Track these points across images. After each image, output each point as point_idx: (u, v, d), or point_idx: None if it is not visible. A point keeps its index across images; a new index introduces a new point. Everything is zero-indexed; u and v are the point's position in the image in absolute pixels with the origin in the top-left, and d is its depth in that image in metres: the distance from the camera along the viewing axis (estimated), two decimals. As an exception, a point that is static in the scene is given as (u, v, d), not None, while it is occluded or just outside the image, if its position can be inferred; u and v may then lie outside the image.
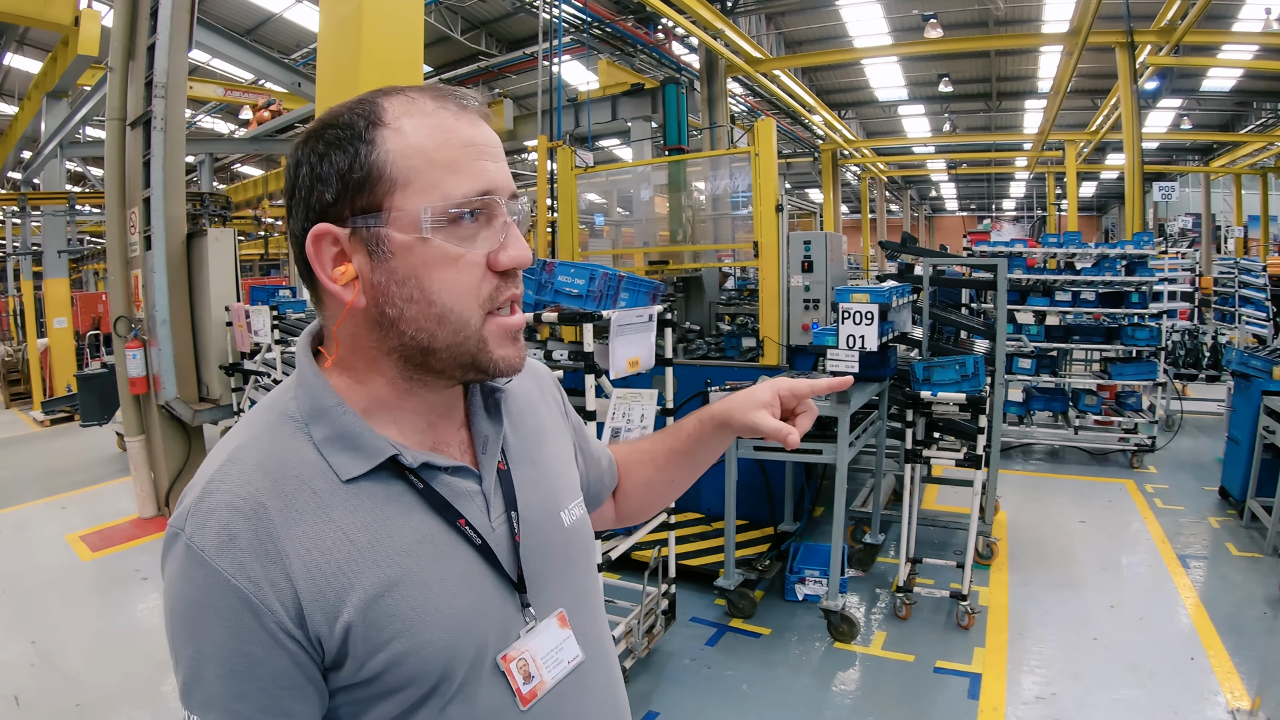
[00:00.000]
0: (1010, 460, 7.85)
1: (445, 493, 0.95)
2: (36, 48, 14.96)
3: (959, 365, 4.47)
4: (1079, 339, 8.05)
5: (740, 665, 4.22)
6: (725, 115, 12.30)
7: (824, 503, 6.25)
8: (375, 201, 0.88)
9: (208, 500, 0.85)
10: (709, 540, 5.55)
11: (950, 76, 16.76)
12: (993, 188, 34.58)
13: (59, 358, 14.48)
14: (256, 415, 0.96)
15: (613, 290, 3.51)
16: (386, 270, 0.89)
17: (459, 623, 0.91)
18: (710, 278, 7.60)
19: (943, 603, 4.75)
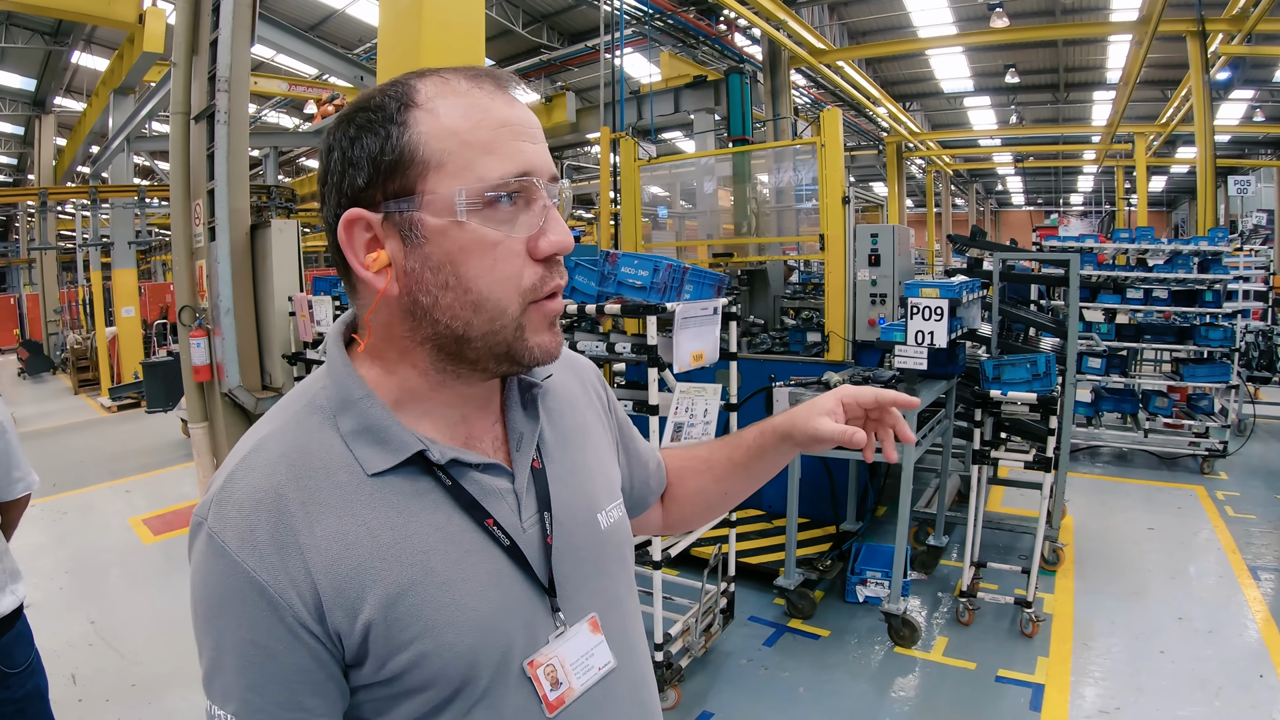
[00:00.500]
0: (1077, 463, 7.66)
1: (474, 490, 0.92)
2: (104, 46, 15.36)
3: (1030, 364, 4.34)
4: (1150, 338, 7.82)
5: (798, 667, 4.16)
6: (789, 107, 12.13)
7: (887, 502, 6.16)
8: (408, 185, 0.85)
9: (230, 490, 0.84)
10: (769, 538, 5.48)
11: (1017, 67, 16.45)
12: (1060, 181, 33.84)
13: (126, 346, 14.87)
14: (285, 405, 0.94)
15: (677, 282, 3.44)
16: (420, 256, 0.86)
17: (483, 625, 0.88)
18: (775, 271, 7.51)
19: (1006, 609, 4.63)
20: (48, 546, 6.27)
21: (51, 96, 17.97)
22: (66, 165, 17.73)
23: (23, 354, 20.73)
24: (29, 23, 14.32)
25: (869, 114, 17.96)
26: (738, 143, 9.21)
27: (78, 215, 18.74)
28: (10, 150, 22.39)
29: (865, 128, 20.09)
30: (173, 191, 6.86)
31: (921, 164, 25.47)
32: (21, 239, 25.83)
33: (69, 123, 18.75)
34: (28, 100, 18.38)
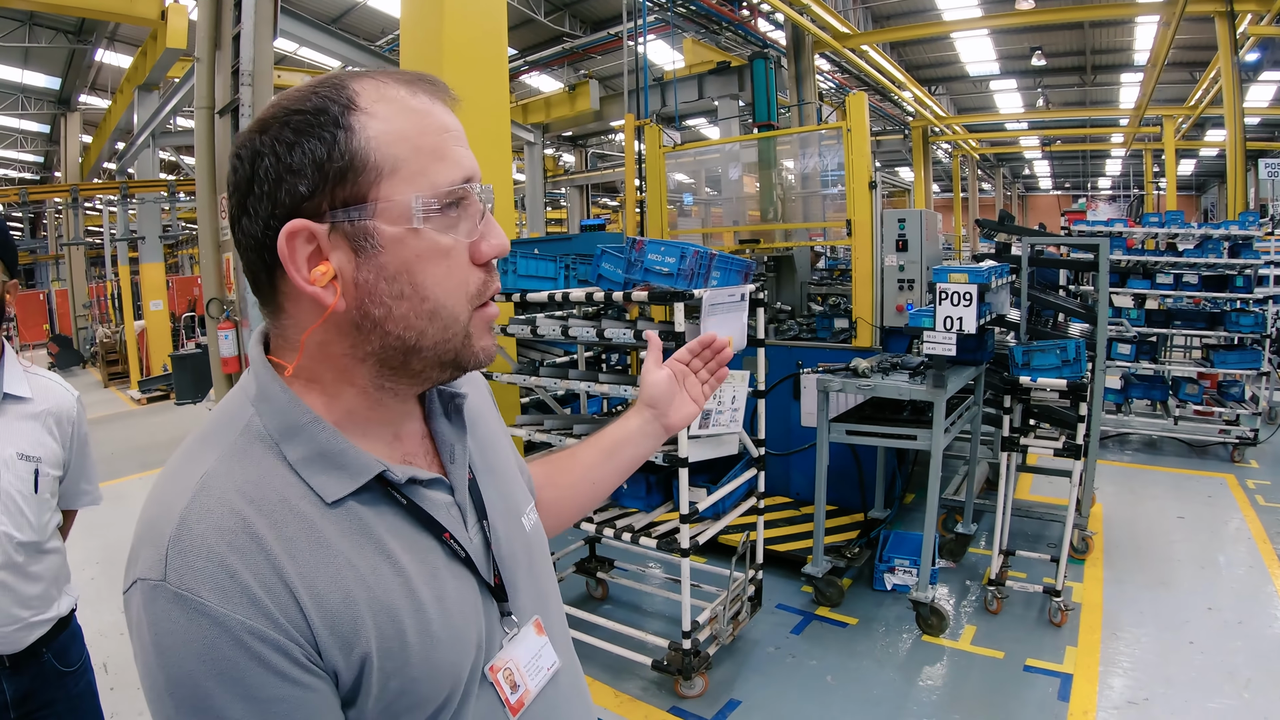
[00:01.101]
0: (1106, 450, 7.59)
1: (427, 508, 0.90)
2: (127, 43, 15.50)
3: (1059, 349, 4.29)
4: (1180, 324, 7.71)
5: (825, 655, 4.14)
6: (813, 92, 12.08)
7: (915, 489, 6.13)
8: (359, 192, 0.80)
9: (189, 537, 0.74)
10: (797, 525, 5.46)
11: (1043, 49, 16.29)
12: (1088, 165, 33.47)
13: (155, 339, 15.02)
14: (214, 436, 0.85)
15: (704, 269, 3.42)
16: (375, 266, 0.82)
17: (460, 640, 0.88)
18: (801, 257, 7.47)
19: (1035, 598, 4.59)
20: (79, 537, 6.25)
21: (76, 94, 18.17)
22: (93, 162, 17.93)
23: (53, 348, 20.98)
24: (52, 22, 14.45)
25: (894, 98, 17.79)
26: (763, 128, 9.16)
27: (105, 211, 18.93)
28: (37, 148, 22.65)
29: (890, 112, 19.94)
30: (199, 186, 6.93)
31: (948, 148, 25.27)
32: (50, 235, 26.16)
33: (94, 120, 18.95)
34: (53, 99, 18.58)
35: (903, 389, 4.20)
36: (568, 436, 3.98)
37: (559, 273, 4.20)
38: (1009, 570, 4.68)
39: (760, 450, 4.07)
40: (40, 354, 23.27)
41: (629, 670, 4.01)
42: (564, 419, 4.34)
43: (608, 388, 3.80)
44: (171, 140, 14.32)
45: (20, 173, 25.14)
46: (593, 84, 14.26)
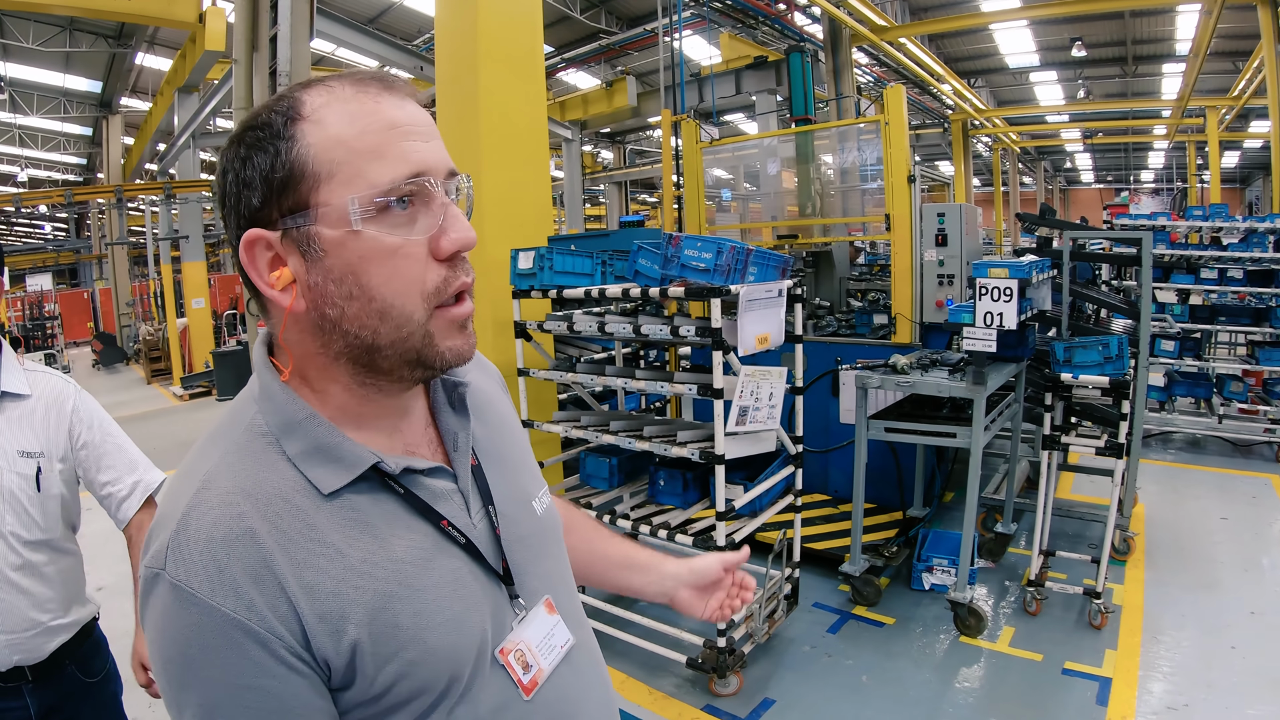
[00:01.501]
0: (1148, 449, 7.45)
1: (425, 495, 0.93)
2: (166, 46, 15.74)
3: (1102, 346, 4.20)
4: (1225, 320, 7.56)
5: (860, 655, 4.11)
6: (851, 86, 11.97)
7: (954, 488, 6.07)
8: (301, 200, 0.84)
9: (188, 533, 0.80)
10: (835, 523, 5.42)
11: (1083, 40, 16.01)
12: (1130, 158, 32.98)
13: (197, 336, 15.27)
14: (221, 434, 0.91)
15: (741, 264, 3.40)
16: (322, 269, 0.85)
17: (459, 624, 0.90)
18: (840, 252, 7.41)
19: (1075, 599, 4.52)
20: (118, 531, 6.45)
21: (117, 97, 18.48)
22: (135, 163, 18.23)
23: (97, 346, 21.44)
24: (93, 27, 14.70)
25: (933, 91, 17.60)
26: (800, 123, 9.09)
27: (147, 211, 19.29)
28: (80, 150, 23.08)
29: (930, 105, 19.72)
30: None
31: (988, 141, 24.92)
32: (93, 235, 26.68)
33: (135, 122, 19.27)
34: (94, 102, 18.92)
35: (942, 386, 4.16)
36: (604, 433, 3.97)
37: (596, 269, 4.19)
38: (1049, 571, 4.62)
39: (798, 447, 4.04)
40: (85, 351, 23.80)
41: (663, 668, 4.01)
42: (601, 415, 4.34)
43: (644, 384, 3.79)
44: (211, 141, 14.52)
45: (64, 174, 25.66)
46: (630, 80, 14.26)
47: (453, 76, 4.71)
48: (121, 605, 5.18)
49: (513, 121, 4.65)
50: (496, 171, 4.54)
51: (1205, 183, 21.54)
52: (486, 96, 4.49)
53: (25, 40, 14.40)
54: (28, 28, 14.24)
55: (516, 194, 4.67)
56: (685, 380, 3.66)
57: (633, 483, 4.35)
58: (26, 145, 21.88)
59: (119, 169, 19.10)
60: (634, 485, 4.33)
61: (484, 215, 4.49)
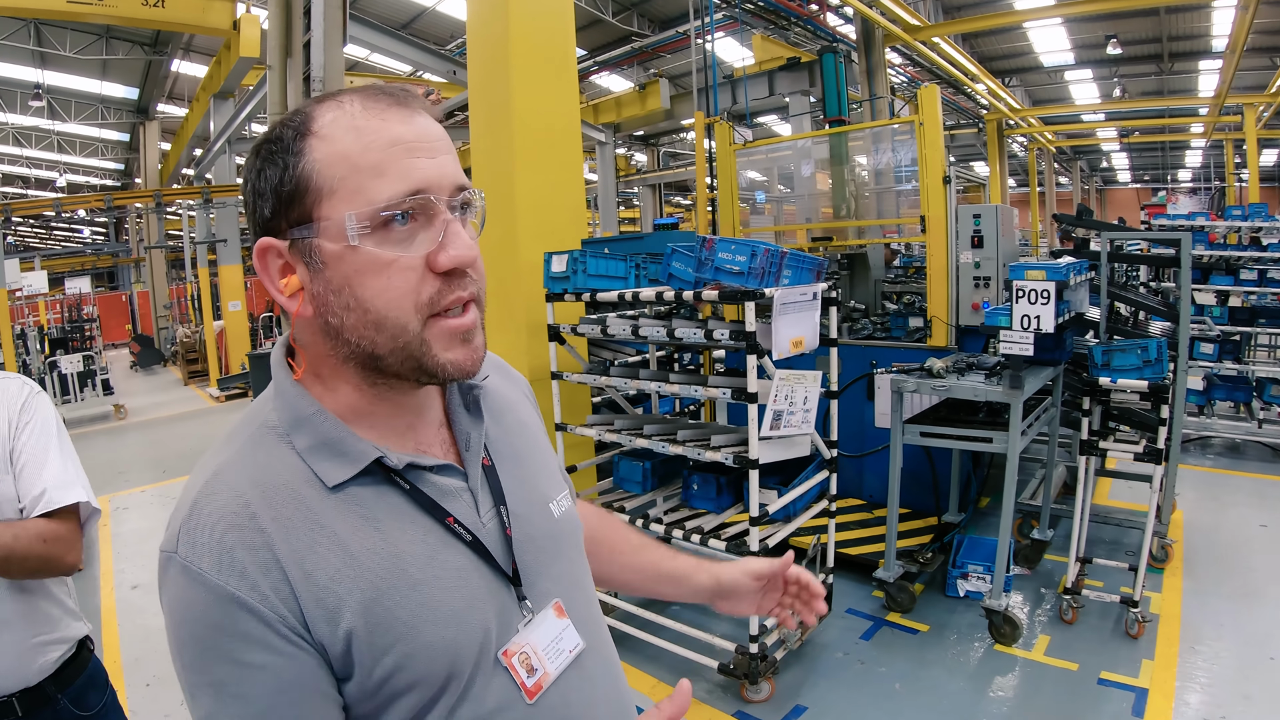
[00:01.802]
0: (1187, 454, 7.34)
1: (432, 492, 0.95)
2: (202, 53, 15.93)
3: (1141, 349, 4.14)
4: (1265, 322, 7.42)
5: (894, 662, 4.08)
6: (885, 87, 11.86)
7: (990, 493, 6.00)
8: (305, 213, 0.88)
9: (197, 518, 0.84)
10: (869, 528, 5.39)
11: (1118, 37, 15.78)
12: (1167, 157, 32.41)
13: (234, 338, 15.45)
14: (238, 430, 0.95)
15: (775, 267, 3.38)
16: (323, 280, 0.88)
17: (458, 620, 0.90)
18: (875, 255, 7.38)
19: (1111, 608, 4.44)
20: (157, 531, 6.54)
21: (154, 104, 18.73)
22: (171, 168, 18.49)
23: (135, 348, 21.79)
24: (129, 35, 14.90)
25: (967, 91, 17.42)
26: (834, 124, 9.04)
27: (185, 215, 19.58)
28: (117, 156, 23.42)
29: (964, 105, 19.53)
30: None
31: (1023, 141, 24.58)
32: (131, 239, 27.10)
33: (171, 128, 19.54)
34: (131, 108, 19.18)
35: (978, 390, 4.11)
36: (637, 437, 3.96)
37: (629, 272, 4.19)
38: (1085, 578, 4.56)
39: (832, 452, 4.02)
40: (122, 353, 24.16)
41: (695, 673, 3.99)
42: (635, 419, 4.34)
43: (678, 388, 3.78)
44: (247, 146, 14.59)
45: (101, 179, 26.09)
46: (663, 83, 14.25)
47: (485, 80, 4.73)
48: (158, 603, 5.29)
49: (546, 124, 4.65)
50: (529, 175, 4.55)
51: (1244, 181, 21.18)
52: (519, 100, 4.50)
53: (63, 48, 14.63)
54: (65, 36, 14.48)
55: (550, 197, 4.67)
56: (719, 384, 3.65)
57: (666, 486, 4.35)
58: (65, 151, 22.23)
59: (156, 174, 19.37)
60: (667, 489, 4.33)
61: (517, 219, 4.50)
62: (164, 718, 4.03)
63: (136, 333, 23.92)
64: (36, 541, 1.73)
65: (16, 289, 12.74)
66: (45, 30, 14.26)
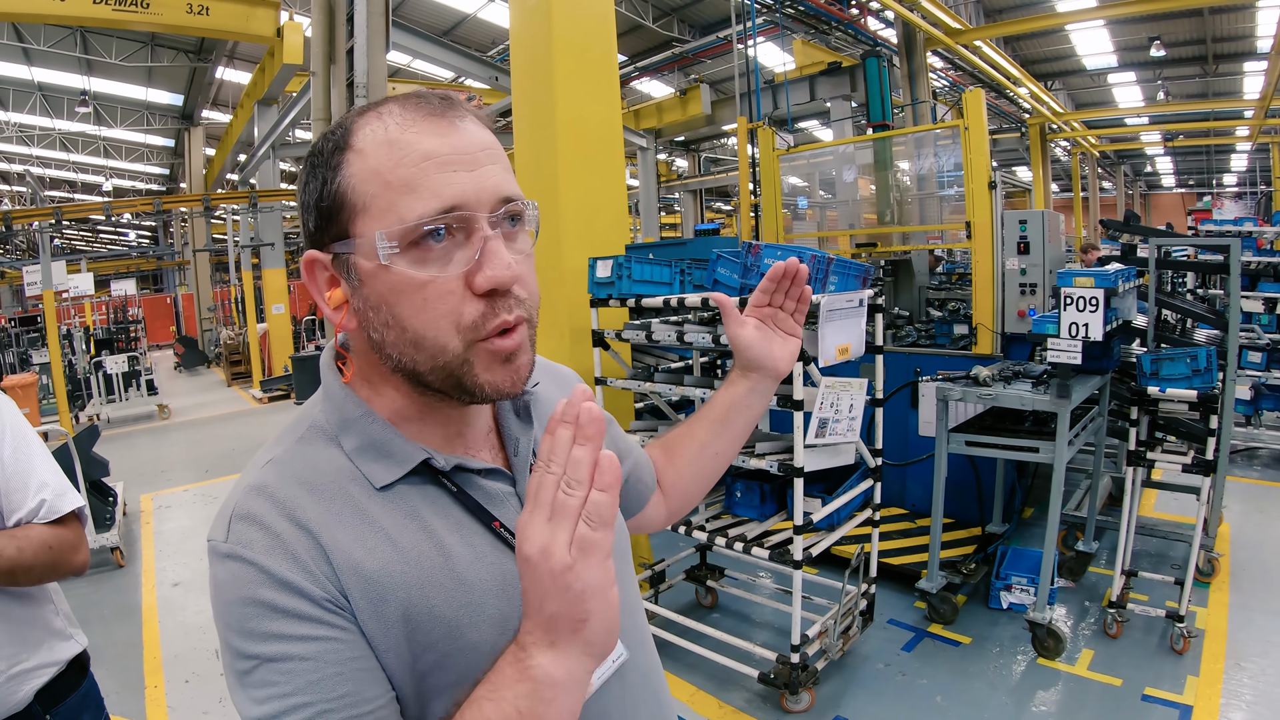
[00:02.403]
0: (1234, 465, 7.17)
1: (479, 496, 0.95)
2: (246, 60, 16.21)
3: (1189, 359, 4.06)
4: (1316, 331, 7.21)
5: (935, 674, 4.03)
6: (926, 91, 11.82)
7: (1034, 503, 5.92)
8: (342, 229, 0.87)
9: (247, 510, 0.85)
10: (912, 538, 5.34)
11: (1161, 39, 15.56)
12: (1211, 161, 31.96)
13: (277, 341, 15.62)
14: (288, 431, 0.96)
15: (822, 274, 3.37)
16: (361, 297, 0.88)
17: (501, 624, 0.89)
18: (920, 261, 7.32)
19: (1156, 622, 4.36)
20: (199, 529, 6.65)
21: (199, 110, 19.08)
22: (216, 173, 18.77)
23: (179, 349, 22.15)
24: (173, 42, 15.18)
25: (1010, 95, 17.26)
26: (878, 128, 8.99)
27: (228, 219, 19.90)
28: (162, 161, 23.87)
29: (1006, 110, 19.35)
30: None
31: (1066, 146, 24.28)
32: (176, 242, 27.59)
33: (216, 134, 19.87)
34: (176, 114, 19.56)
35: (1025, 399, 4.06)
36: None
37: (674, 278, 4.19)
38: (1130, 592, 4.48)
39: (877, 460, 3.99)
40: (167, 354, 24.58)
41: (734, 681, 3.98)
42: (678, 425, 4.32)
43: (721, 395, 3.76)
44: (291, 152, 14.87)
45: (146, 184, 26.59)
46: (703, 88, 14.27)
47: (528, 87, 4.76)
48: (198, 601, 5.36)
49: (589, 130, 4.68)
50: (573, 180, 4.57)
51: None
52: (563, 106, 4.53)
53: (108, 56, 14.95)
54: (110, 43, 14.79)
55: (593, 202, 4.70)
56: (764, 391, 3.63)
57: (710, 493, 4.33)
58: (111, 156, 22.71)
59: (200, 179, 19.72)
60: (711, 496, 4.31)
61: (561, 224, 4.53)
62: (203, 715, 4.09)
63: (181, 334, 24.29)
64: (42, 550, 1.72)
65: (63, 290, 12.98)
66: (91, 38, 14.58)
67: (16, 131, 19.80)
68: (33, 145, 20.91)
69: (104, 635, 4.91)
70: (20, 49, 14.79)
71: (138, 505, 7.68)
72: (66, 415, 11.51)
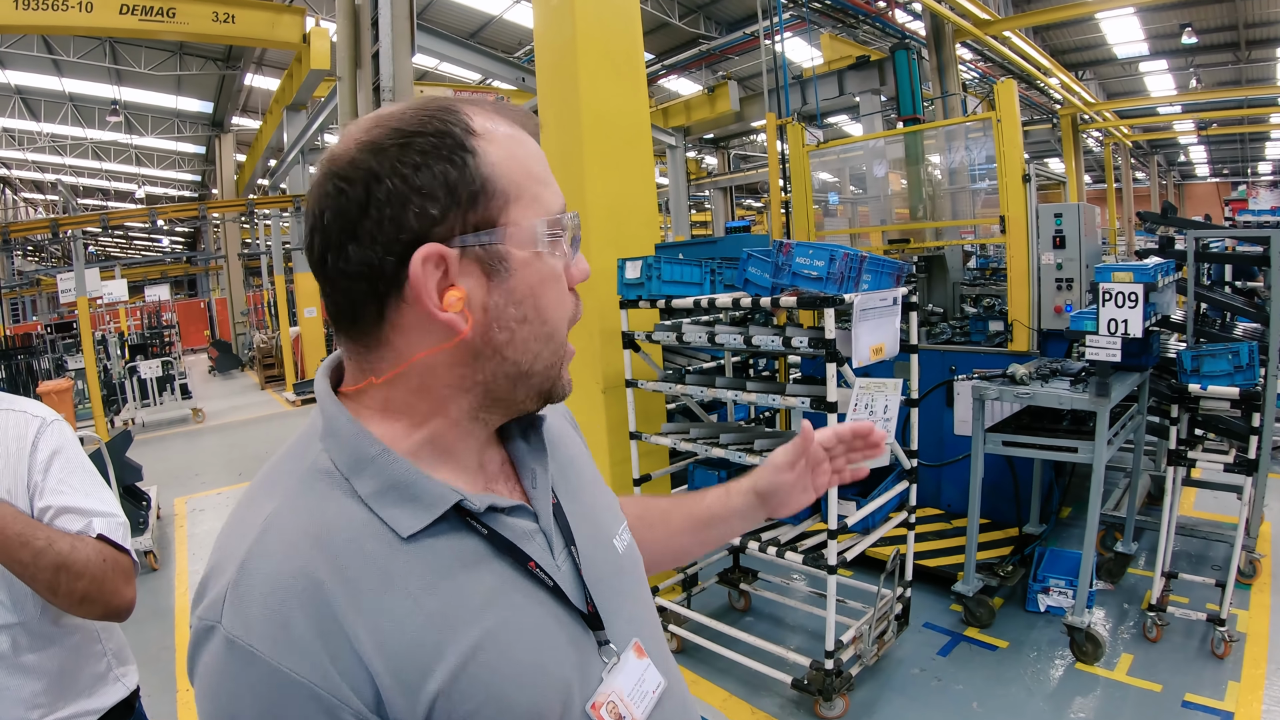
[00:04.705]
0: (1275, 463, 6.97)
1: (510, 536, 0.86)
2: (274, 67, 16.41)
3: (1231, 354, 3.96)
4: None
5: (972, 679, 3.95)
6: (956, 83, 11.69)
7: (1072, 502, 5.83)
8: (490, 216, 0.81)
9: (248, 582, 0.73)
10: (948, 539, 5.25)
11: (1193, 26, 15.34)
12: (1246, 149, 31.48)
13: (309, 344, 15.73)
14: (280, 475, 0.84)
15: (854, 272, 3.31)
16: (504, 290, 0.82)
17: (544, 676, 0.83)
18: (953, 257, 7.20)
19: (1196, 625, 4.26)
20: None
21: (229, 117, 19.34)
22: (247, 179, 19.01)
23: (213, 353, 22.44)
24: (202, 50, 15.38)
25: (1040, 86, 17.05)
26: (909, 122, 8.90)
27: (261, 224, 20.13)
28: (194, 168, 24.22)
29: (1037, 100, 19.12)
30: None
31: (1098, 136, 23.94)
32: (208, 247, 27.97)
33: (246, 140, 20.14)
34: (206, 121, 19.83)
35: (1063, 398, 3.97)
36: (713, 446, 3.91)
37: (704, 277, 4.14)
38: (1170, 594, 4.37)
39: (912, 462, 3.92)
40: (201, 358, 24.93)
41: (767, 687, 3.94)
42: (710, 427, 4.28)
43: (755, 396, 3.72)
44: (320, 156, 15.07)
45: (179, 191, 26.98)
46: (731, 85, 14.24)
47: (554, 86, 4.73)
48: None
49: (616, 129, 4.64)
50: (600, 180, 4.54)
51: (1328, 173, 20.44)
52: (588, 104, 4.49)
53: (138, 65, 15.16)
54: (139, 53, 15.00)
55: (621, 202, 4.65)
56: (797, 392, 3.58)
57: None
58: (143, 164, 23.06)
59: (232, 184, 19.96)
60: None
61: (589, 224, 4.50)
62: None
63: (214, 338, 24.55)
64: (96, 560, 1.49)
65: (97, 297, 13.17)
66: (120, 48, 14.79)
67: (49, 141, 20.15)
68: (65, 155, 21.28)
69: (137, 637, 4.94)
70: (50, 60, 15.03)
71: (171, 509, 7.73)
72: (102, 420, 11.66)
